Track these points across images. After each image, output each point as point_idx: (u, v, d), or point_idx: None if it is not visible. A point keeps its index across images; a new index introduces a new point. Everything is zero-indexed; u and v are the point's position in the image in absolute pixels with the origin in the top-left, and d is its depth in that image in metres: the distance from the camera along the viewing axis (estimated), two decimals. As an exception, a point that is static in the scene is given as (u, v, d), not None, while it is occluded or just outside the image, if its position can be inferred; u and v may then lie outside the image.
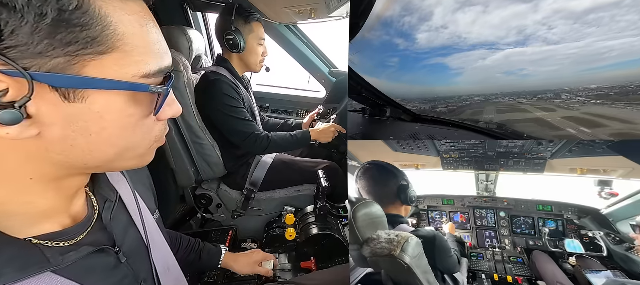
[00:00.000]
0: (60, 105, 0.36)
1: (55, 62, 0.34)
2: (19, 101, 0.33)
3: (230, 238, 1.51)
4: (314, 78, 2.39)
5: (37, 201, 0.44)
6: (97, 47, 0.35)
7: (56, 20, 0.32)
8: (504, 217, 0.89)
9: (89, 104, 0.37)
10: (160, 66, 0.42)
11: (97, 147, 0.41)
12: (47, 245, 0.44)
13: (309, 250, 1.37)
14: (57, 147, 0.39)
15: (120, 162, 0.46)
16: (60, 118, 0.37)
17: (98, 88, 0.37)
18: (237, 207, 1.66)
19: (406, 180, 0.83)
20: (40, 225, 0.45)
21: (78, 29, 0.34)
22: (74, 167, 0.43)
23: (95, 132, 0.40)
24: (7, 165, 0.39)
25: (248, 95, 1.71)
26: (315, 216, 1.43)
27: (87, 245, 0.49)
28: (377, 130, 0.85)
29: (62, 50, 0.34)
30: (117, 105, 0.40)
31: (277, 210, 1.69)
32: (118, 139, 0.42)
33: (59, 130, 0.38)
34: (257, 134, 1.57)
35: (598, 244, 0.73)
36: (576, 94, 0.63)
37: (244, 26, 1.53)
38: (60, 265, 0.44)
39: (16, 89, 0.33)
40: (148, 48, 0.41)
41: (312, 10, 1.65)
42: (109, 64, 0.37)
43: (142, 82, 0.40)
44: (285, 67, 2.35)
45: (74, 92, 0.36)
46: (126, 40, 0.38)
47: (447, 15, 0.61)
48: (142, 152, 0.48)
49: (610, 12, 0.51)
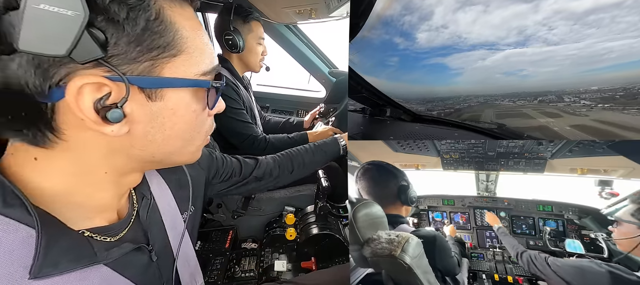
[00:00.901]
0: (145, 104, 0.42)
1: (142, 66, 0.39)
2: (119, 102, 0.39)
3: (230, 238, 1.51)
4: (314, 78, 2.38)
5: (98, 195, 0.48)
6: (171, 50, 0.41)
7: (143, 29, 0.38)
8: (504, 217, 0.89)
9: (166, 101, 0.43)
10: (213, 64, 0.49)
11: (169, 140, 0.47)
12: (96, 238, 0.48)
13: (309, 250, 1.37)
14: (139, 142, 0.45)
15: (179, 156, 0.52)
16: (145, 116, 0.43)
17: (174, 86, 0.43)
18: (237, 207, 1.66)
19: (406, 180, 0.82)
20: (92, 219, 0.49)
21: (157, 35, 0.39)
22: (145, 161, 0.49)
23: (169, 127, 0.45)
24: (91, 160, 0.44)
25: (248, 95, 1.71)
26: (315, 216, 1.43)
27: (128, 242, 0.52)
28: (377, 130, 0.85)
29: (148, 55, 0.39)
30: (185, 101, 0.46)
31: (277, 210, 1.69)
32: (184, 132, 0.48)
33: (142, 127, 0.43)
34: (255, 136, 1.57)
35: (598, 244, 0.73)
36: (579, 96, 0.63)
37: (242, 26, 1.53)
38: (105, 260, 0.47)
39: (116, 91, 0.39)
40: (203, 48, 0.46)
41: (312, 10, 1.65)
42: (178, 65, 0.43)
43: (203, 79, 0.46)
44: (285, 67, 2.34)
45: (155, 91, 0.42)
46: (188, 43, 0.43)
47: (447, 14, 0.61)
48: (197, 146, 0.54)
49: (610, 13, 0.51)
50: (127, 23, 0.36)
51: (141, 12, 0.37)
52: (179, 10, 0.43)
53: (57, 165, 0.43)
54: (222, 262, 1.38)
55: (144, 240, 0.57)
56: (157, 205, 0.64)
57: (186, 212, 0.71)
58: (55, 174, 0.43)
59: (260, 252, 1.47)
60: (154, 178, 0.66)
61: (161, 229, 0.64)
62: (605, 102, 0.60)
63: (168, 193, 0.68)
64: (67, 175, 0.44)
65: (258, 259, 1.43)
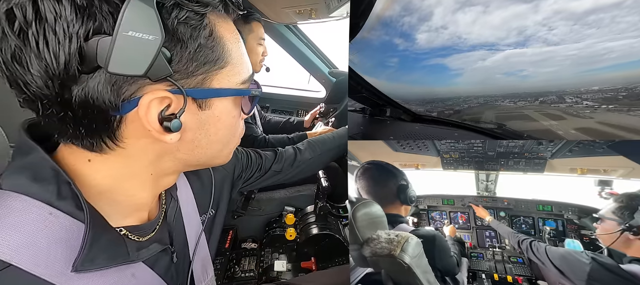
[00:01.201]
0: (197, 113, 0.45)
1: (197, 79, 0.43)
2: (178, 112, 0.42)
3: (230, 238, 1.51)
4: (314, 78, 2.39)
5: (139, 194, 0.51)
6: (219, 63, 0.44)
7: (199, 46, 0.41)
8: (504, 217, 0.89)
9: (213, 109, 0.47)
10: (250, 72, 0.51)
11: (211, 145, 0.50)
12: (130, 237, 0.50)
13: (309, 250, 1.37)
14: (186, 147, 0.48)
15: (217, 159, 0.55)
16: (195, 123, 0.46)
17: (222, 96, 0.47)
18: (237, 207, 1.66)
19: (405, 179, 0.83)
20: (128, 217, 0.51)
21: (210, 51, 0.42)
22: (189, 164, 0.53)
23: (213, 133, 0.49)
24: (141, 163, 0.47)
25: (248, 95, 1.71)
26: (315, 216, 1.43)
27: (156, 243, 0.54)
28: (377, 130, 0.85)
29: (202, 69, 0.42)
30: (228, 108, 0.49)
31: (277, 210, 1.69)
32: (224, 137, 0.51)
33: (192, 134, 0.47)
34: (255, 136, 1.58)
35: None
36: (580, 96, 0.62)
37: (243, 26, 1.53)
38: (135, 260, 0.49)
39: (175, 103, 0.42)
40: (242, 59, 0.49)
41: (312, 10, 1.66)
42: (224, 76, 0.46)
43: (243, 88, 0.50)
44: (285, 67, 2.35)
45: (205, 101, 0.45)
46: (232, 55, 0.46)
47: (446, 15, 0.61)
48: (231, 148, 0.57)
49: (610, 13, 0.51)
50: (190, 42, 0.40)
51: (200, 31, 0.40)
52: (225, 25, 0.46)
53: (108, 166, 0.45)
54: (222, 262, 1.38)
55: (169, 241, 0.59)
56: (180, 207, 0.65)
57: (205, 214, 0.73)
58: (105, 173, 0.46)
59: (260, 252, 1.47)
60: (179, 180, 0.67)
61: (182, 231, 0.65)
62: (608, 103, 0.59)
63: (190, 195, 0.70)
64: (116, 175, 0.47)
65: (258, 259, 1.43)
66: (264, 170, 0.97)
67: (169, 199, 0.62)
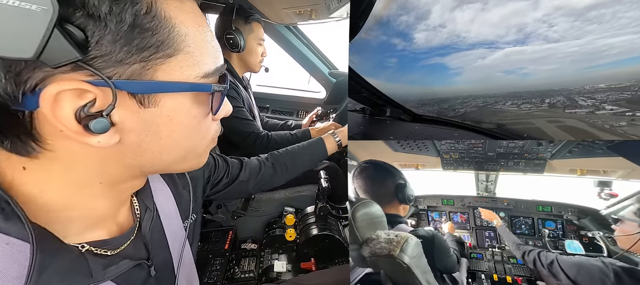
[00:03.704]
0: (137, 111, 0.37)
1: (132, 68, 0.34)
2: (105, 110, 0.34)
3: (230, 239, 1.51)
4: (314, 78, 2.39)
5: (97, 205, 0.44)
6: (166, 50, 0.36)
7: (131, 25, 0.33)
8: (504, 217, 0.89)
9: (160, 107, 0.38)
10: (216, 65, 0.43)
11: (166, 149, 0.42)
12: (95, 252, 0.45)
13: (309, 251, 1.37)
14: (132, 151, 0.40)
15: (183, 163, 0.48)
16: (137, 124, 0.38)
17: (170, 91, 0.38)
18: (237, 207, 1.66)
19: (403, 178, 0.82)
20: (92, 231, 0.46)
21: (149, 33, 0.34)
22: (142, 170, 0.45)
23: (165, 135, 0.41)
24: (82, 170, 0.40)
25: (247, 95, 1.71)
26: (315, 217, 1.43)
27: (127, 259, 0.48)
28: (377, 130, 0.84)
29: (138, 56, 0.34)
30: (183, 107, 0.41)
31: (277, 211, 1.69)
32: (184, 140, 0.44)
33: (136, 136, 0.39)
34: (257, 133, 1.57)
35: (598, 244, 0.73)
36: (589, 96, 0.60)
37: (244, 26, 1.53)
38: (100, 279, 0.43)
39: (102, 98, 0.34)
40: (205, 48, 0.41)
41: (312, 10, 1.66)
42: (174, 66, 0.38)
43: (203, 82, 0.41)
44: (285, 68, 2.35)
45: (148, 97, 0.37)
46: (188, 41, 0.38)
47: (444, 13, 0.61)
48: (201, 152, 0.49)
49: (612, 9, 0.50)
50: (111, 18, 0.31)
51: (127, 6, 0.32)
52: (177, 4, 0.38)
53: (49, 176, 0.39)
54: (222, 262, 1.38)
55: (145, 255, 0.54)
56: (159, 216, 0.60)
57: (187, 220, 0.68)
58: (47, 185, 0.39)
59: (260, 253, 1.47)
60: (157, 186, 0.62)
61: (162, 241, 0.60)
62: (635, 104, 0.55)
63: (171, 202, 0.64)
64: (60, 186, 0.40)
65: (258, 260, 1.43)
66: (231, 178, 0.90)
67: (143, 209, 0.56)
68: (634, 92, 0.55)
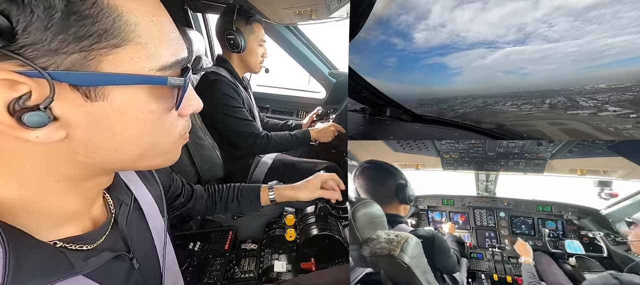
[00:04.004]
0: (83, 105, 0.35)
1: (71, 58, 0.32)
2: (42, 103, 0.32)
3: (230, 239, 1.51)
4: (314, 79, 2.39)
5: (63, 204, 0.43)
6: (111, 40, 0.34)
7: (66, 12, 0.30)
8: (504, 217, 0.89)
9: (110, 101, 0.36)
10: (177, 57, 0.41)
11: (121, 146, 0.40)
12: (71, 248, 0.43)
13: (309, 251, 1.37)
14: (83, 148, 0.38)
15: (146, 161, 0.45)
16: (84, 118, 0.36)
17: (116, 83, 0.36)
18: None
19: (404, 179, 0.82)
20: (64, 227, 0.45)
21: (89, 21, 0.32)
22: (100, 168, 0.43)
23: (118, 131, 0.38)
24: (35, 169, 0.38)
25: (247, 95, 1.71)
26: (315, 217, 1.43)
27: (107, 251, 0.48)
28: (377, 130, 0.84)
29: (77, 45, 0.32)
30: (137, 101, 0.38)
31: (277, 211, 1.68)
32: (142, 136, 0.41)
33: (84, 131, 0.36)
34: (257, 134, 1.57)
35: (598, 244, 0.73)
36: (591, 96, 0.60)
37: (244, 26, 1.53)
38: (83, 270, 0.43)
39: (38, 90, 0.32)
40: (162, 39, 0.39)
41: (312, 11, 1.66)
42: (124, 58, 0.35)
43: (159, 76, 0.39)
44: (285, 68, 2.35)
45: (94, 90, 0.35)
46: (139, 32, 0.36)
47: (444, 13, 0.60)
48: (167, 150, 0.46)
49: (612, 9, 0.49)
50: (37, 4, 0.29)
51: None
52: None
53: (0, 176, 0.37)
54: (222, 263, 1.38)
55: (124, 248, 0.53)
56: (141, 209, 0.60)
57: (165, 216, 0.67)
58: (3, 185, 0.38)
59: (260, 253, 1.46)
60: (135, 179, 0.62)
61: (145, 234, 0.60)
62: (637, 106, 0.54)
63: (151, 197, 0.64)
64: (15, 186, 0.38)
65: (258, 260, 1.42)
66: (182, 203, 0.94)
67: (117, 204, 0.55)
68: (635, 92, 0.55)
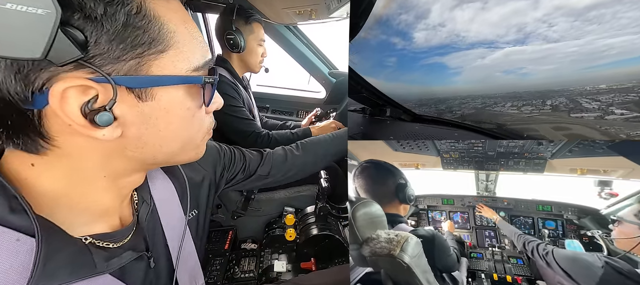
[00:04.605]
0: (136, 105, 0.40)
1: (128, 65, 0.37)
2: (107, 104, 0.37)
3: (230, 238, 1.51)
4: (314, 78, 2.39)
5: (101, 199, 0.47)
6: (157, 46, 0.39)
7: (124, 25, 0.36)
8: (504, 217, 0.89)
9: (157, 101, 0.41)
10: (205, 58, 0.46)
11: (165, 141, 0.45)
12: (99, 245, 0.47)
13: (309, 251, 1.37)
14: (133, 144, 0.43)
15: (182, 155, 0.51)
16: (137, 117, 0.41)
17: (164, 84, 0.41)
18: (237, 207, 1.66)
19: (404, 178, 0.82)
20: (95, 224, 0.48)
21: (141, 31, 0.37)
22: (145, 163, 0.48)
23: (163, 127, 0.44)
24: (88, 165, 0.43)
25: (247, 95, 1.71)
26: (315, 217, 1.43)
27: (130, 251, 0.51)
28: (377, 130, 0.84)
29: (133, 52, 0.37)
30: (178, 99, 0.44)
31: (277, 211, 1.69)
32: (181, 131, 0.47)
33: (136, 129, 0.42)
34: (258, 133, 1.58)
35: (597, 243, 0.73)
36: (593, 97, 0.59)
37: (244, 26, 1.53)
38: (104, 270, 0.45)
39: (103, 93, 0.37)
40: (193, 43, 0.44)
41: (312, 10, 1.66)
42: (167, 62, 0.41)
43: (195, 75, 0.44)
44: (285, 68, 2.35)
45: (145, 91, 0.40)
46: (177, 38, 0.41)
47: (444, 12, 0.60)
48: (197, 144, 0.52)
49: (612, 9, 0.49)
50: (106, 19, 0.34)
51: (120, 7, 0.35)
52: (164, 3, 0.41)
53: (55, 171, 0.42)
54: (222, 262, 1.38)
55: (144, 247, 0.56)
56: (157, 209, 0.62)
57: (188, 214, 0.69)
58: (55, 179, 0.42)
59: (260, 253, 1.47)
60: (157, 180, 0.64)
61: (159, 232, 0.62)
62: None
63: (173, 195, 0.66)
64: (66, 181, 0.43)
65: (258, 260, 1.43)
66: (248, 173, 0.91)
67: (140, 202, 0.58)
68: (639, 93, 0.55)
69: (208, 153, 0.70)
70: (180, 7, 0.44)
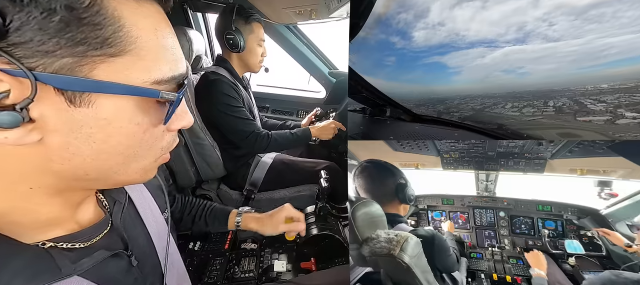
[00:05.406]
0: (66, 109, 0.34)
1: (62, 62, 0.31)
2: (20, 103, 0.31)
3: (230, 238, 1.51)
4: (314, 78, 2.39)
5: (40, 210, 0.41)
6: (108, 48, 0.33)
7: (66, 17, 0.30)
8: (504, 217, 0.89)
9: (96, 109, 0.35)
10: (174, 73, 0.40)
11: (100, 156, 0.38)
12: (61, 247, 0.43)
13: (309, 251, 1.37)
14: (58, 155, 0.36)
15: (123, 175, 0.43)
16: (65, 123, 0.34)
17: (107, 92, 0.35)
18: (236, 207, 1.66)
19: (404, 178, 0.82)
20: (49, 231, 0.44)
21: (89, 28, 0.32)
22: (75, 178, 0.40)
23: (99, 139, 0.37)
24: (6, 173, 0.37)
25: (247, 95, 1.71)
26: (315, 217, 1.43)
27: (103, 249, 0.47)
28: (377, 130, 0.84)
29: (71, 49, 0.31)
30: (125, 111, 0.37)
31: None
32: (123, 148, 0.40)
33: (61, 137, 0.35)
34: (258, 133, 1.58)
35: (597, 244, 0.73)
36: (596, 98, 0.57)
37: (244, 26, 1.53)
38: (71, 273, 0.42)
39: (18, 89, 0.31)
40: (161, 53, 0.38)
41: (312, 10, 1.66)
42: (119, 67, 0.35)
43: (153, 88, 0.38)
44: (285, 68, 2.35)
45: (80, 95, 0.33)
46: (139, 44, 0.36)
47: (444, 11, 0.60)
48: (146, 165, 0.45)
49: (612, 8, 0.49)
50: (36, 6, 0.28)
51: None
52: (133, 5, 0.35)
53: None
54: (222, 262, 1.38)
55: (122, 246, 0.53)
56: (135, 206, 0.60)
57: (165, 212, 0.67)
58: None
59: (260, 253, 1.46)
60: None
61: (142, 232, 0.60)
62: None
63: (147, 193, 0.64)
64: None
65: (258, 260, 1.42)
66: None
67: (111, 202, 0.55)
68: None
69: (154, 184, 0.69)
70: (155, 13, 0.39)
